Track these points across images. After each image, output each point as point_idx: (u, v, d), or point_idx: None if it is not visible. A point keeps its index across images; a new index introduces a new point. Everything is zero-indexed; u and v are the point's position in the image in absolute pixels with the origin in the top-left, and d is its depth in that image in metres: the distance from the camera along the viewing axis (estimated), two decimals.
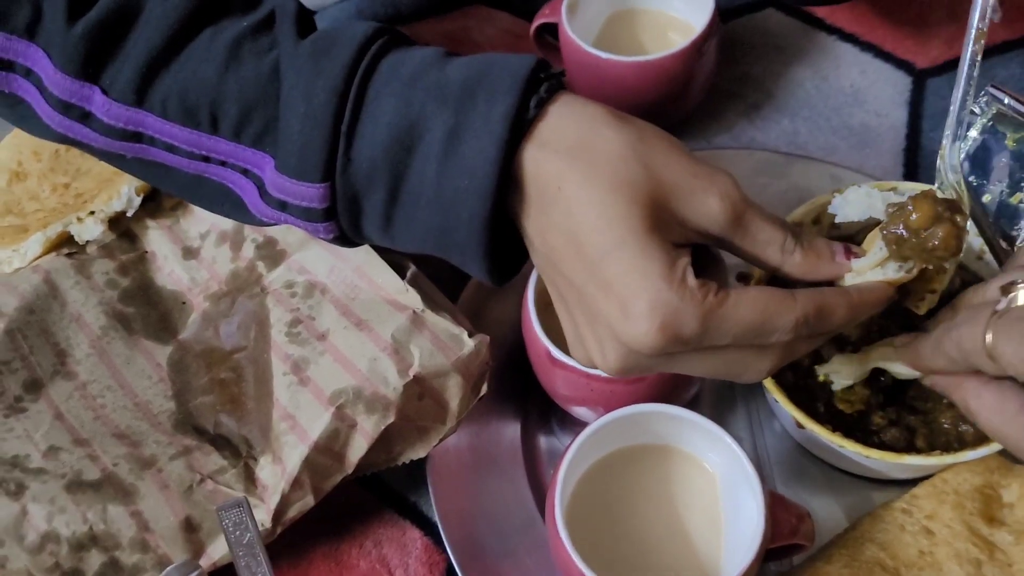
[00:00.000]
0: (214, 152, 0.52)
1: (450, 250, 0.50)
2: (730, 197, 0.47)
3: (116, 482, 0.57)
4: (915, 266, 0.50)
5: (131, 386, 0.62)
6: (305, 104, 0.49)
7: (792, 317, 0.47)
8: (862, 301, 0.49)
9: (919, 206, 0.48)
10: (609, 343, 0.48)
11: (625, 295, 0.46)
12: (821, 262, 0.50)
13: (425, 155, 0.48)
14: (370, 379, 0.57)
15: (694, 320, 0.45)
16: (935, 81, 0.79)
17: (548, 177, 0.47)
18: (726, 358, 0.48)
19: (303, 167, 0.49)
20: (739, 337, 0.47)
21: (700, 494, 0.57)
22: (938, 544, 0.56)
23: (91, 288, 0.66)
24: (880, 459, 0.55)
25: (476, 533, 0.60)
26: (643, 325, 0.45)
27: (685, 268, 0.46)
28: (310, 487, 0.56)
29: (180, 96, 0.51)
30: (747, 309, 0.46)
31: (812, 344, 0.51)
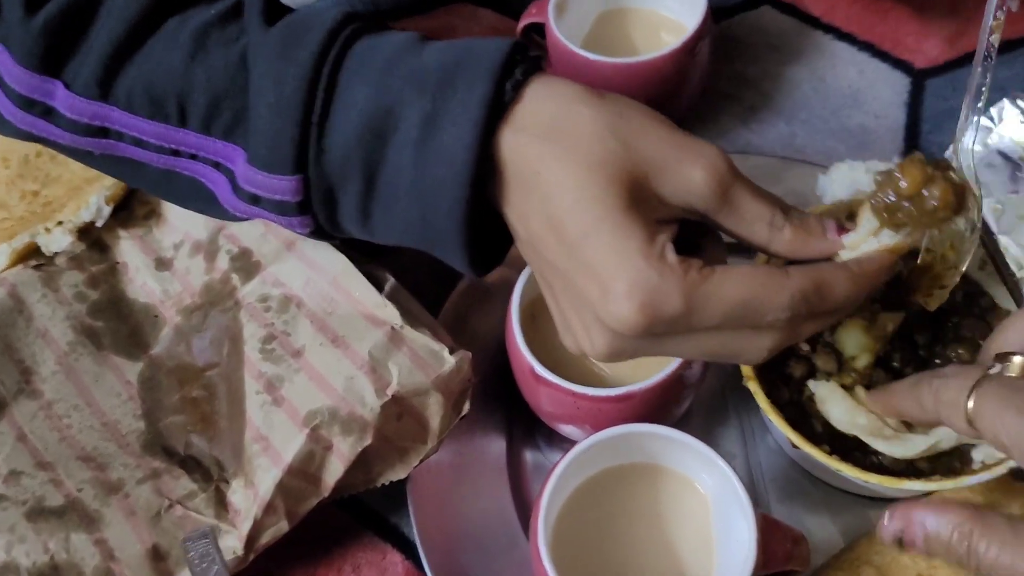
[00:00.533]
0: (183, 145, 0.50)
1: (430, 242, 0.49)
2: (716, 170, 0.46)
3: (80, 508, 0.54)
4: (914, 232, 0.48)
5: (99, 405, 0.59)
6: (275, 94, 0.47)
7: (787, 294, 0.45)
8: (863, 272, 0.47)
9: (907, 171, 0.47)
10: (594, 327, 0.46)
11: (604, 276, 0.44)
12: (812, 239, 0.48)
13: (401, 144, 0.47)
14: (346, 399, 0.54)
15: (676, 298, 0.44)
16: (935, 82, 0.77)
17: (525, 162, 0.46)
18: (721, 339, 0.47)
19: (274, 159, 0.48)
20: (729, 316, 0.45)
21: (691, 516, 0.55)
22: (937, 567, 0.55)
23: (59, 302, 0.63)
24: (879, 483, 0.53)
25: (458, 556, 0.58)
26: (624, 306, 0.44)
27: (664, 245, 0.45)
28: (284, 512, 0.54)
29: (146, 88, 0.49)
30: (735, 286, 0.45)
31: (819, 324, 0.48)
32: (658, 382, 0.55)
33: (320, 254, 0.60)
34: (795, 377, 0.59)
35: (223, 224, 0.63)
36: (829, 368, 0.58)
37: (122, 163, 0.52)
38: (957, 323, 0.61)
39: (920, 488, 0.54)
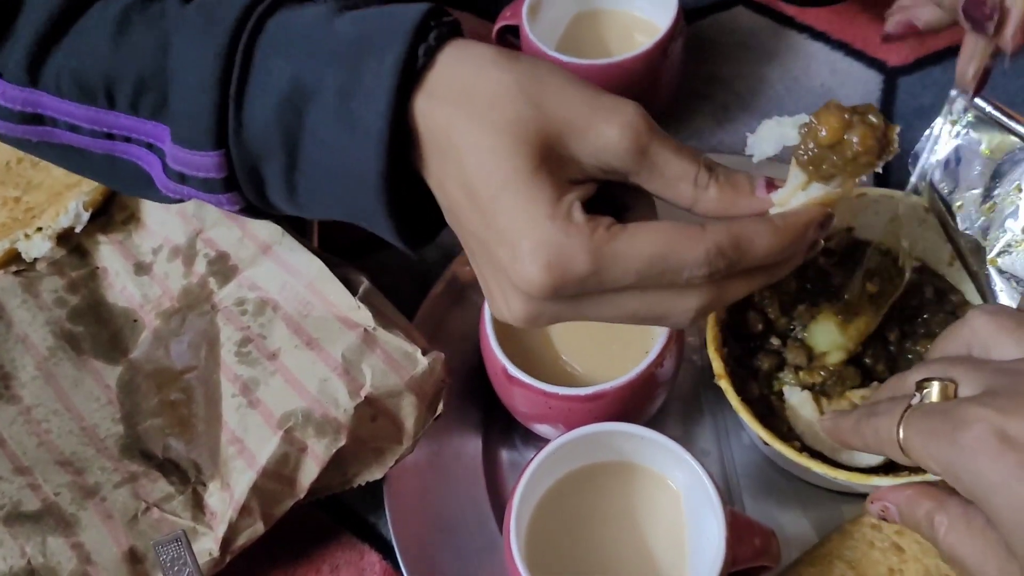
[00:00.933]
0: (115, 128, 0.50)
1: (356, 215, 0.49)
2: (632, 128, 0.44)
3: (57, 513, 0.55)
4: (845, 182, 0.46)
5: (78, 409, 0.60)
6: (192, 70, 0.47)
7: (701, 249, 0.44)
8: (788, 225, 0.45)
9: (824, 119, 0.45)
10: (510, 292, 0.46)
11: (512, 238, 0.44)
12: (740, 197, 0.46)
13: (318, 116, 0.46)
14: (320, 401, 0.55)
15: (583, 256, 0.43)
16: (907, 80, 0.77)
17: (439, 128, 0.45)
18: (642, 300, 0.45)
19: (195, 136, 0.48)
20: (643, 274, 0.44)
21: (664, 513, 0.56)
22: (907, 561, 0.55)
23: (39, 307, 0.64)
24: (848, 480, 0.54)
25: (435, 555, 0.59)
26: (530, 266, 0.43)
27: (572, 204, 0.44)
28: (259, 514, 0.54)
29: (73, 73, 0.50)
30: (645, 242, 0.44)
31: (748, 284, 0.47)
32: (628, 381, 0.56)
33: (296, 258, 0.60)
34: (764, 370, 0.60)
35: (200, 228, 0.64)
36: (799, 361, 0.59)
37: (66, 152, 0.52)
38: (927, 319, 0.61)
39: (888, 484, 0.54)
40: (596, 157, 0.45)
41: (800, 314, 0.61)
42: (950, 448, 0.41)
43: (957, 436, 0.41)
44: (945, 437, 0.42)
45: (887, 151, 0.45)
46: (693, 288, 0.45)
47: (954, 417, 0.42)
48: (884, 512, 0.48)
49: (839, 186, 0.46)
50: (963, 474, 0.41)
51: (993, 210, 0.58)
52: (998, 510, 0.40)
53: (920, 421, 0.44)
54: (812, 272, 0.63)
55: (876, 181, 0.73)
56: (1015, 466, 0.39)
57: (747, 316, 0.61)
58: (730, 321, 0.61)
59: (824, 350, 0.59)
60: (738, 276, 0.46)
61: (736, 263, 0.45)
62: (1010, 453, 0.40)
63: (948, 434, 0.42)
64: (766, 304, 0.61)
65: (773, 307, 0.61)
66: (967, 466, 0.41)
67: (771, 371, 0.59)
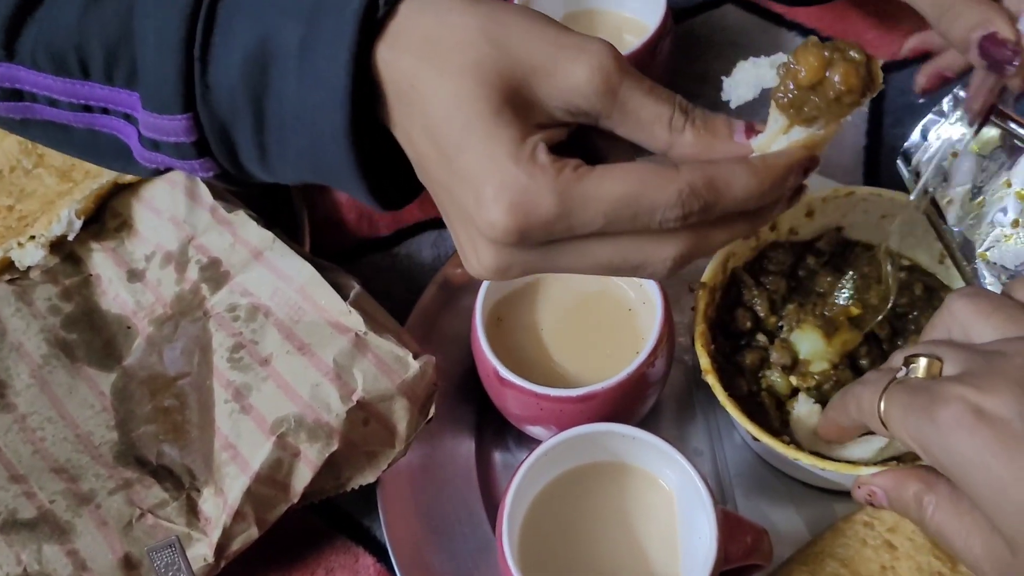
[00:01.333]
0: (92, 99, 0.50)
1: (327, 175, 0.48)
2: (600, 67, 0.42)
3: (52, 520, 0.55)
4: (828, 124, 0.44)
5: (72, 417, 0.60)
6: (156, 33, 0.47)
7: (673, 189, 0.41)
8: (768, 167, 0.43)
9: (803, 58, 0.42)
10: (478, 241, 0.44)
11: (475, 183, 0.42)
12: (718, 141, 0.44)
13: (282, 72, 0.45)
14: (312, 406, 0.55)
15: (548, 198, 0.41)
16: (896, 76, 0.77)
17: (403, 77, 0.44)
18: (616, 247, 0.44)
19: (163, 99, 0.47)
20: (613, 217, 0.42)
21: (657, 512, 0.56)
22: (900, 558, 0.55)
23: (32, 315, 0.64)
24: (835, 471, 0.54)
25: (429, 557, 0.59)
26: (493, 210, 0.42)
27: (536, 146, 0.42)
28: (254, 519, 0.55)
29: (46, 45, 0.49)
30: (614, 183, 0.42)
31: (730, 231, 0.45)
32: (619, 381, 0.56)
33: (287, 263, 0.60)
34: (748, 366, 0.60)
35: (192, 234, 0.64)
36: (784, 361, 0.59)
37: (49, 129, 0.52)
38: (916, 317, 0.61)
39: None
40: (563, 99, 0.43)
41: (789, 313, 0.61)
42: (927, 424, 0.42)
43: (934, 412, 0.41)
44: (923, 412, 0.42)
45: (871, 88, 0.43)
46: (669, 234, 0.43)
47: (933, 393, 0.42)
48: (871, 497, 0.49)
49: (823, 128, 0.44)
50: (938, 450, 0.42)
51: (983, 205, 0.58)
52: (975, 486, 0.41)
53: (900, 395, 0.44)
54: (801, 272, 0.63)
55: (865, 180, 0.73)
56: (990, 441, 0.40)
57: (736, 313, 0.62)
58: (719, 319, 0.62)
59: (807, 357, 0.59)
60: (718, 222, 0.44)
61: (712, 206, 0.43)
62: (985, 429, 0.40)
63: (926, 410, 0.42)
64: (755, 302, 0.62)
65: (762, 305, 0.61)
66: (943, 442, 0.41)
67: (755, 367, 0.60)
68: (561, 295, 0.62)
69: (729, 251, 0.62)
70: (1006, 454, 0.39)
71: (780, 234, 0.64)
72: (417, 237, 0.73)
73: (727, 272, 0.62)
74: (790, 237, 0.64)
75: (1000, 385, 0.41)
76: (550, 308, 0.61)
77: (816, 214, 0.64)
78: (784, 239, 0.64)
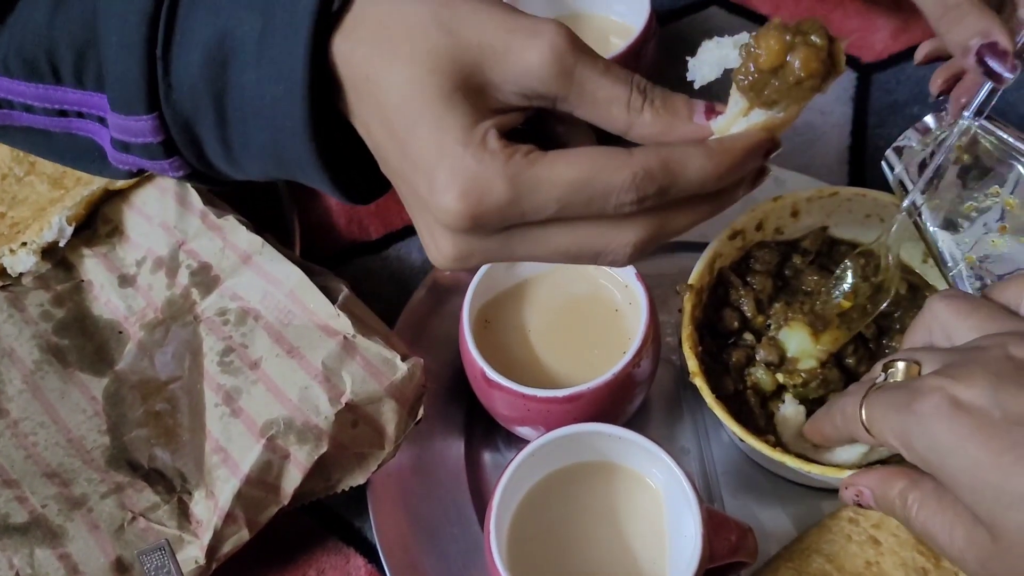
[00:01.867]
0: (66, 104, 0.50)
1: (292, 169, 0.48)
2: (553, 49, 0.42)
3: (44, 524, 0.56)
4: (790, 107, 0.43)
5: (65, 422, 0.61)
6: (118, 34, 0.47)
7: (627, 173, 0.41)
8: (725, 150, 0.42)
9: (763, 42, 0.41)
10: (436, 229, 0.44)
11: (428, 169, 0.42)
12: (677, 122, 0.43)
13: (241, 67, 0.45)
14: (301, 408, 0.56)
15: (499, 183, 0.41)
16: (880, 76, 0.78)
17: (358, 68, 0.44)
18: (574, 234, 0.43)
19: (127, 100, 0.47)
20: (566, 202, 0.42)
21: (644, 511, 0.56)
22: (884, 554, 0.56)
23: (24, 321, 0.65)
24: (821, 473, 0.55)
25: (419, 558, 0.59)
26: (445, 196, 0.41)
27: (487, 131, 0.42)
28: (244, 521, 0.55)
29: (18, 51, 0.49)
30: (566, 167, 0.41)
31: (691, 215, 0.44)
32: (606, 381, 0.56)
33: (276, 267, 0.61)
34: (734, 364, 0.60)
35: (183, 239, 0.65)
36: (771, 359, 0.59)
37: (29, 134, 0.52)
38: (901, 316, 0.62)
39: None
40: (517, 83, 0.43)
41: (776, 312, 0.62)
42: (907, 417, 0.42)
43: (914, 405, 0.42)
44: (903, 407, 0.43)
45: (833, 73, 0.42)
46: (628, 220, 0.43)
47: (912, 389, 0.43)
48: (858, 497, 0.49)
49: (783, 111, 0.43)
50: (918, 442, 0.42)
51: (971, 210, 0.59)
52: (953, 474, 0.41)
53: (880, 397, 0.45)
54: (788, 271, 0.64)
55: (850, 180, 0.73)
56: (968, 427, 0.40)
57: (723, 313, 0.62)
58: (706, 319, 0.62)
59: (795, 355, 0.60)
60: (678, 206, 0.44)
61: (667, 189, 0.42)
62: (963, 416, 0.41)
63: (905, 405, 0.43)
64: (742, 302, 0.62)
65: (749, 305, 0.62)
66: (922, 433, 0.42)
67: (741, 365, 0.60)
68: (548, 297, 0.62)
69: (715, 252, 0.62)
70: (983, 439, 0.40)
71: (766, 234, 0.65)
72: (406, 240, 0.73)
73: (714, 273, 0.63)
74: (776, 237, 0.65)
75: (976, 375, 0.41)
76: (537, 310, 0.62)
77: (801, 214, 0.64)
78: (770, 239, 0.65)
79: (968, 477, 0.41)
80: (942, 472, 0.42)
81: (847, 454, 0.56)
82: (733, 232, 0.63)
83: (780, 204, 0.63)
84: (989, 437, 0.40)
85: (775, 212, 0.64)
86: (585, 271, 0.62)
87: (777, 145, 0.44)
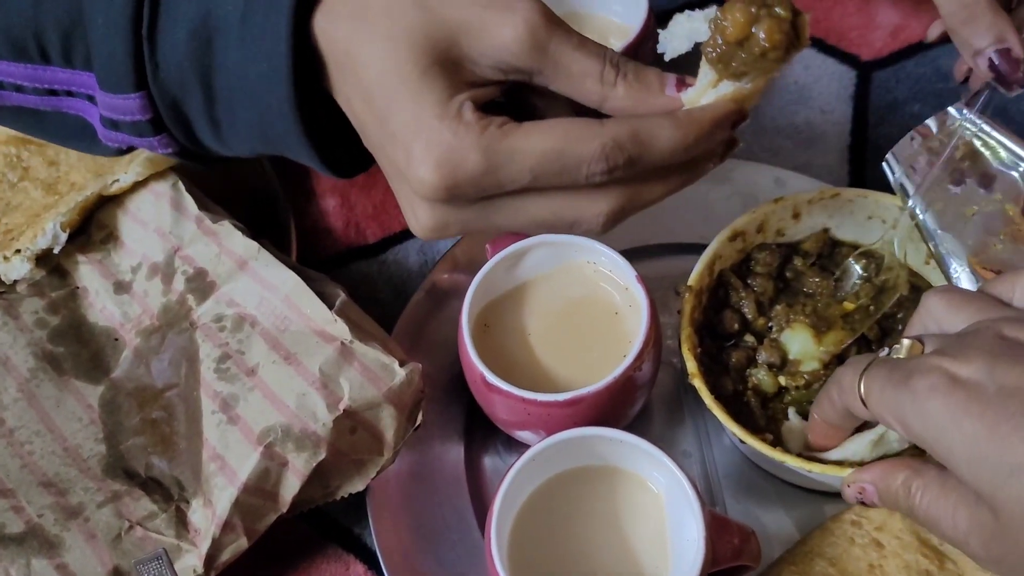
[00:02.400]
0: (56, 83, 0.51)
1: (278, 145, 0.49)
2: (528, 24, 0.43)
3: (41, 534, 0.55)
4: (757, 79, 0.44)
5: (60, 430, 0.60)
6: (105, 15, 0.48)
7: (597, 143, 0.43)
8: (693, 120, 0.44)
9: (729, 14, 0.42)
10: (415, 201, 0.45)
11: (405, 141, 0.44)
12: (649, 95, 0.45)
13: (225, 45, 0.46)
14: (299, 415, 0.55)
15: (473, 154, 0.42)
16: (880, 74, 0.78)
17: (338, 44, 0.45)
18: (548, 203, 0.45)
19: (115, 79, 0.48)
20: (539, 172, 0.43)
21: (646, 515, 0.56)
22: (887, 556, 0.55)
23: (19, 329, 0.64)
24: (822, 473, 0.54)
25: (419, 565, 0.59)
26: (422, 168, 0.43)
27: (462, 104, 0.43)
28: (242, 529, 0.55)
29: (5, 33, 0.50)
30: (538, 138, 0.43)
31: (663, 186, 0.46)
32: (606, 385, 0.56)
33: (272, 273, 0.60)
34: (734, 364, 0.60)
35: (178, 245, 0.64)
36: (772, 360, 0.59)
37: (20, 114, 0.53)
38: (903, 317, 0.62)
39: None
40: (493, 57, 0.44)
41: (777, 314, 0.61)
42: (904, 394, 0.43)
43: (911, 383, 0.42)
44: (901, 384, 0.43)
45: (796, 46, 0.43)
46: (600, 190, 0.44)
47: (910, 367, 0.43)
48: (861, 494, 0.49)
49: (751, 82, 0.44)
50: (915, 419, 0.42)
51: (974, 214, 0.58)
52: (951, 450, 0.41)
53: (880, 371, 0.45)
54: (789, 273, 0.64)
55: (851, 179, 0.73)
56: (964, 403, 0.41)
57: (724, 315, 0.62)
58: (707, 321, 0.62)
59: (797, 357, 0.59)
60: (649, 177, 0.45)
61: (637, 159, 0.43)
62: (959, 392, 0.41)
63: (903, 382, 0.43)
64: (743, 303, 0.62)
65: (750, 307, 0.62)
66: (919, 409, 0.42)
67: (741, 366, 0.60)
68: (547, 300, 0.62)
69: (715, 253, 0.62)
70: (979, 413, 0.40)
71: (767, 236, 0.64)
72: (404, 244, 0.73)
73: (713, 275, 0.62)
74: (777, 238, 0.65)
75: (973, 354, 0.42)
76: (536, 313, 0.61)
77: (802, 215, 0.64)
78: (771, 240, 0.64)
79: (966, 451, 0.41)
80: (939, 448, 0.42)
81: (855, 447, 0.55)
82: (733, 234, 0.62)
83: (781, 205, 0.63)
84: (984, 409, 0.40)
85: (776, 214, 0.63)
86: (585, 274, 0.62)
87: (745, 116, 0.46)
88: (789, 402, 0.59)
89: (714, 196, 0.70)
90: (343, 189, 0.75)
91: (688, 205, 0.70)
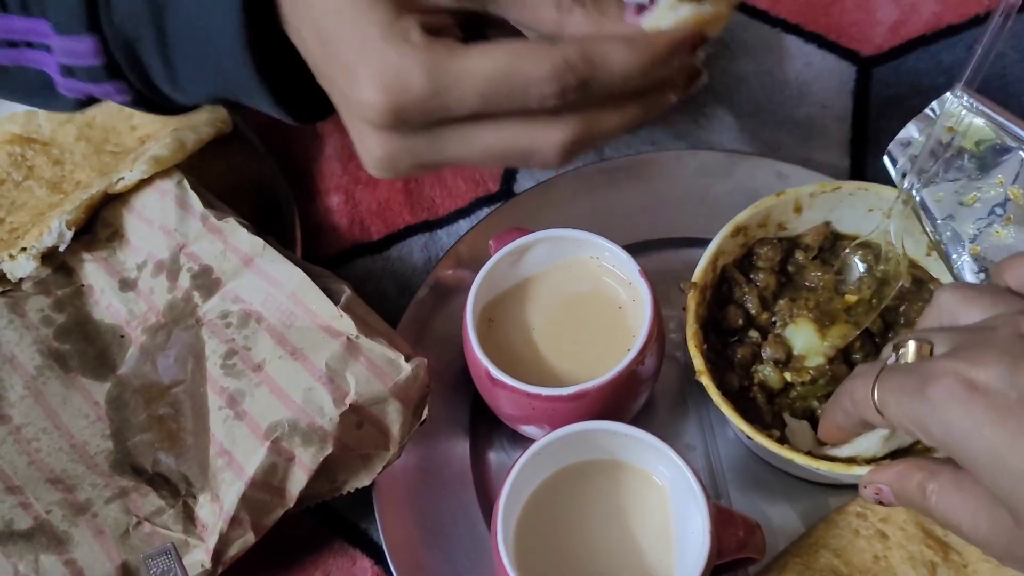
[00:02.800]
0: (14, 33, 0.50)
1: (233, 87, 0.47)
2: None
3: (49, 530, 0.55)
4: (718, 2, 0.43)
5: (67, 427, 0.60)
6: None
7: (548, 63, 0.40)
8: (649, 42, 0.42)
9: None
10: (364, 130, 0.44)
11: (351, 65, 0.42)
12: (607, 21, 0.43)
13: None
14: (305, 410, 0.55)
15: (419, 75, 0.41)
16: (880, 69, 0.78)
17: None
18: (500, 131, 0.43)
19: (67, 19, 0.47)
20: (488, 95, 0.41)
21: (651, 508, 0.56)
22: (892, 548, 0.56)
23: (25, 327, 0.64)
24: (830, 470, 0.54)
25: (426, 559, 0.59)
26: (367, 90, 0.41)
27: (409, 27, 0.42)
28: (250, 524, 0.55)
29: None
30: (487, 59, 0.41)
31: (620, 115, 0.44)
32: (610, 379, 0.56)
33: (277, 269, 0.61)
34: (740, 360, 0.60)
35: (183, 242, 0.64)
36: (778, 356, 0.59)
37: None
38: (906, 310, 0.62)
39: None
40: None
41: (781, 309, 0.61)
42: (921, 403, 0.42)
43: (927, 390, 0.42)
44: (916, 392, 0.42)
45: None
46: (555, 118, 0.43)
47: (924, 372, 0.43)
48: (878, 494, 0.49)
49: (713, 5, 0.43)
50: (935, 427, 0.42)
51: (975, 201, 0.58)
52: (974, 457, 0.41)
53: (892, 379, 0.44)
54: (791, 267, 0.64)
55: (852, 173, 0.73)
56: (984, 411, 0.40)
57: (727, 311, 0.62)
58: (711, 317, 0.62)
59: (802, 352, 0.60)
60: (605, 105, 0.43)
61: (589, 81, 0.41)
62: (978, 399, 0.40)
63: (919, 389, 0.42)
64: (746, 299, 0.62)
65: (754, 301, 0.62)
66: (938, 418, 0.41)
67: (747, 362, 0.60)
68: (551, 295, 0.62)
69: (718, 249, 0.62)
70: (1000, 422, 0.40)
71: (768, 230, 0.64)
72: (408, 240, 0.73)
73: (717, 270, 0.63)
74: (778, 233, 0.65)
75: (989, 356, 0.41)
76: (540, 308, 0.62)
77: (804, 209, 0.64)
78: (772, 235, 0.65)
79: (988, 460, 0.40)
80: (960, 455, 0.42)
81: (867, 442, 0.55)
82: (736, 228, 0.63)
83: (782, 199, 0.63)
84: (1007, 419, 0.40)
85: (777, 208, 0.64)
86: (588, 269, 0.62)
87: (703, 40, 0.44)
88: (795, 397, 0.60)
89: (716, 190, 0.70)
90: (347, 186, 0.75)
91: (690, 199, 0.70)
